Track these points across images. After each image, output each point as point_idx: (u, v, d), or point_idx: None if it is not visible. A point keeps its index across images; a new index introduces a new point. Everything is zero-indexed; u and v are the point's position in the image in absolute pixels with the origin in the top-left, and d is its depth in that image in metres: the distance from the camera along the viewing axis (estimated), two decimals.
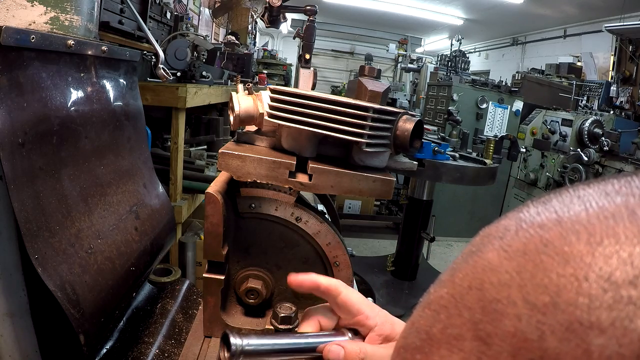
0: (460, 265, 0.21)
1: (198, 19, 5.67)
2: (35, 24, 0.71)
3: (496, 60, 9.53)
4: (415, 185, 3.20)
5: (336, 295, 0.55)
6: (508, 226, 0.20)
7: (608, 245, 0.16)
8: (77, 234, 0.74)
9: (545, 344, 0.15)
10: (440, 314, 0.20)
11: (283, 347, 0.52)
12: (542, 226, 0.19)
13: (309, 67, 1.26)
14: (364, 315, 0.54)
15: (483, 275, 0.19)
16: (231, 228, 0.82)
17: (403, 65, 8.13)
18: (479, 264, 0.20)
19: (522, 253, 0.18)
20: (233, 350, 0.48)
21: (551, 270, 0.17)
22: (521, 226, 0.20)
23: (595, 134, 4.06)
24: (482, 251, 0.20)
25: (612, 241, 0.16)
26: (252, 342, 0.49)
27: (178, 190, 1.92)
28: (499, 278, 0.18)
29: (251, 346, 0.49)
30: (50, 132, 0.71)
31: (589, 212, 0.18)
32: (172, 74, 1.98)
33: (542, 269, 0.17)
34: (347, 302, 0.55)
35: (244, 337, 0.49)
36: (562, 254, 0.17)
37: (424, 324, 0.21)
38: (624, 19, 5.30)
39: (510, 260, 0.18)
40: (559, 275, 0.16)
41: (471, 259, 0.21)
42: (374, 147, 0.73)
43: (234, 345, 0.48)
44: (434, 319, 0.21)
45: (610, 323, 0.14)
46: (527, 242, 0.18)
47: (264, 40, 11.46)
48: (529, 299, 0.17)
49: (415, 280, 3.35)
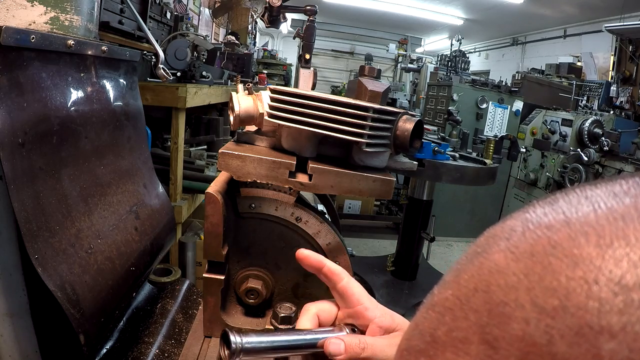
0: (465, 267, 0.21)
1: (198, 19, 5.67)
2: (35, 24, 0.71)
3: (496, 60, 9.53)
4: (415, 185, 3.20)
5: (338, 280, 0.56)
6: (514, 227, 0.20)
7: (618, 247, 0.16)
8: (77, 234, 0.74)
9: (555, 349, 0.15)
10: (445, 316, 0.20)
11: (282, 344, 0.52)
12: (549, 227, 0.18)
13: (309, 67, 1.26)
14: (363, 306, 0.54)
15: (489, 277, 0.19)
16: (231, 228, 0.82)
17: (403, 65, 8.13)
18: (485, 266, 0.19)
19: (529, 255, 0.18)
20: (233, 348, 0.48)
21: (560, 273, 0.16)
22: (528, 227, 0.19)
23: (595, 134, 4.06)
24: (487, 252, 0.20)
25: (622, 243, 0.16)
26: (252, 339, 0.50)
27: (178, 190, 1.92)
28: (506, 280, 0.18)
29: (251, 344, 0.49)
30: (50, 132, 0.71)
31: (597, 213, 0.18)
32: (172, 74, 1.98)
33: (550, 272, 0.17)
34: (348, 291, 0.55)
35: (243, 335, 0.49)
36: (571, 256, 0.17)
37: (428, 326, 0.21)
38: (624, 19, 5.30)
39: (517, 262, 0.18)
40: (568, 278, 0.16)
41: (477, 260, 0.20)
42: (374, 147, 0.73)
43: (234, 343, 0.48)
44: (438, 321, 0.20)
45: (621, 327, 0.14)
46: (535, 244, 0.18)
47: (264, 40, 11.46)
48: (538, 302, 0.16)
49: (415, 280, 3.35)
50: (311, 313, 0.56)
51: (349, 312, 0.56)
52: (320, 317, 0.56)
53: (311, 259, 0.56)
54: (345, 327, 0.55)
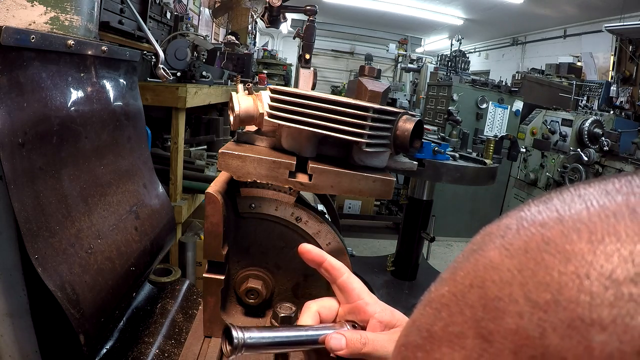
0: (461, 264, 0.21)
1: (198, 19, 5.67)
2: (35, 24, 0.71)
3: (496, 60, 9.53)
4: (415, 185, 3.20)
5: (338, 275, 0.56)
6: (509, 225, 0.21)
7: (609, 243, 0.16)
8: (77, 234, 0.74)
9: (547, 341, 0.16)
10: (441, 312, 0.20)
11: (284, 339, 0.52)
12: (543, 224, 0.19)
13: (309, 67, 1.26)
14: (363, 301, 0.55)
15: (484, 273, 0.19)
16: (231, 228, 0.82)
17: (403, 65, 8.14)
18: (481, 262, 0.20)
19: (523, 251, 0.18)
20: (235, 343, 0.48)
21: (553, 268, 0.17)
22: (522, 225, 0.20)
23: (595, 134, 4.06)
24: (483, 249, 0.20)
25: (613, 239, 0.16)
26: (254, 335, 0.50)
27: (178, 190, 1.92)
28: (500, 276, 0.18)
29: (253, 339, 0.49)
30: (50, 132, 0.71)
31: (590, 211, 0.18)
32: (172, 74, 1.98)
33: (543, 267, 0.17)
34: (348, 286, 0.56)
35: (245, 330, 0.50)
36: (563, 252, 0.17)
37: (425, 322, 0.21)
38: (624, 19, 5.30)
39: (511, 259, 0.18)
40: (561, 273, 0.16)
41: (472, 257, 0.21)
42: (374, 147, 0.73)
43: (236, 338, 0.48)
44: (435, 317, 0.21)
45: (612, 320, 0.15)
46: (529, 240, 0.19)
47: (264, 40, 11.46)
48: (531, 296, 0.17)
49: (415, 280, 3.35)
50: (312, 310, 0.56)
51: (349, 308, 0.56)
52: (321, 314, 0.56)
53: (312, 253, 0.57)
54: (346, 323, 0.55)
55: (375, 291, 3.10)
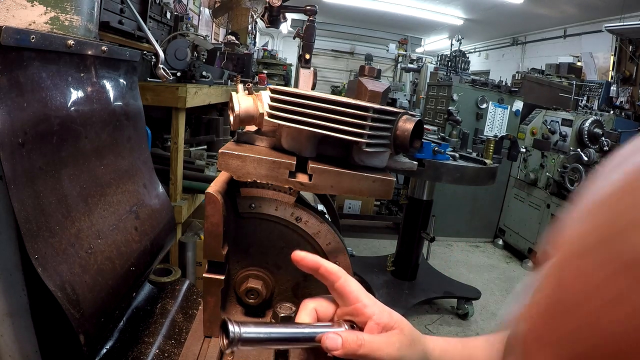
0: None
1: (198, 19, 5.67)
2: (35, 24, 0.71)
3: (496, 60, 9.53)
4: (415, 185, 3.20)
5: (335, 279, 0.56)
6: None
7: None
8: (77, 234, 0.74)
9: None
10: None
11: (281, 335, 0.52)
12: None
13: (309, 67, 1.26)
14: (361, 303, 0.54)
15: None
16: (231, 228, 0.82)
17: (403, 65, 8.14)
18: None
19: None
20: (231, 337, 0.48)
21: None
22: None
23: (595, 134, 4.06)
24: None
25: None
26: (250, 330, 0.50)
27: (178, 190, 1.92)
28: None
29: (249, 334, 0.49)
30: (50, 132, 0.71)
31: None
32: (172, 74, 1.98)
33: None
34: (346, 289, 0.55)
35: (242, 325, 0.50)
36: None
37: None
38: (624, 19, 5.30)
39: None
40: None
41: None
42: (374, 147, 0.73)
43: (232, 332, 0.48)
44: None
45: None
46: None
47: (264, 40, 11.46)
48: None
49: (415, 280, 3.34)
50: (309, 308, 0.56)
51: (347, 310, 0.56)
52: (318, 312, 0.56)
53: (307, 260, 0.56)
54: (344, 322, 0.55)
55: (375, 291, 3.10)
